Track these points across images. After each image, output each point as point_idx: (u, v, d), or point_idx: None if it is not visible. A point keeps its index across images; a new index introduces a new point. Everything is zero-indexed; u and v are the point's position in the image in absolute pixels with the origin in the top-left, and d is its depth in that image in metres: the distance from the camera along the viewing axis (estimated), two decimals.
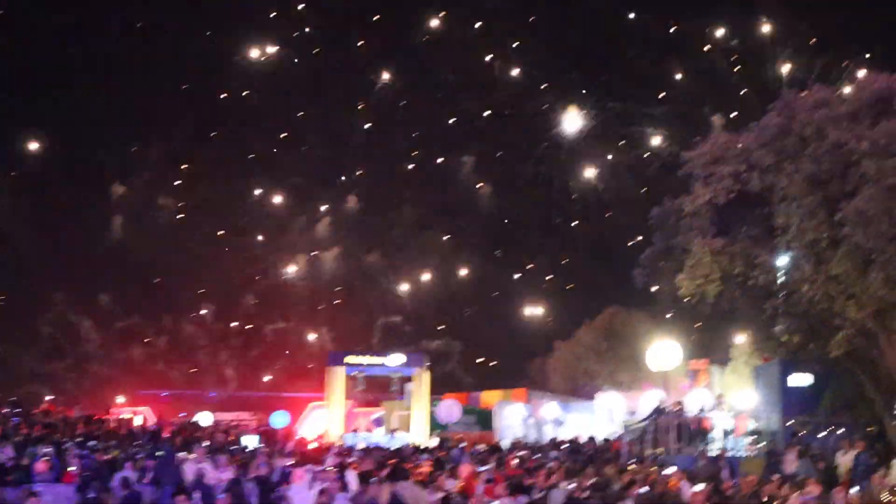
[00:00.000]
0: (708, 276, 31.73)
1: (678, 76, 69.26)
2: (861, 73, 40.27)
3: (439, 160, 75.21)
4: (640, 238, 44.62)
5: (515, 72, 72.25)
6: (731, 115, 57.49)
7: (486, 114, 73.29)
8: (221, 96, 71.37)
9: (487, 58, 72.74)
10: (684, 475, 22.33)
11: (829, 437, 30.29)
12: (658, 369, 31.50)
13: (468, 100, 72.10)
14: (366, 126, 72.60)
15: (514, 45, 72.11)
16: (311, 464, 23.98)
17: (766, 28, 64.03)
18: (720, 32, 67.53)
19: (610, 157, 70.71)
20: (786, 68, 60.82)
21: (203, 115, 69.16)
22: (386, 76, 72.19)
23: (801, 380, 33.42)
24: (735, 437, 32.07)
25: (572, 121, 67.65)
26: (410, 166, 74.97)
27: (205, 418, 48.48)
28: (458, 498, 18.95)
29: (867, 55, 51.51)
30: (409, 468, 23.27)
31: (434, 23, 71.75)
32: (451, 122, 73.98)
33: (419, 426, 39.81)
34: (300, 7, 71.97)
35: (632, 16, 70.20)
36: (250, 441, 37.08)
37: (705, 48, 68.07)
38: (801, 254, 30.12)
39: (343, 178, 74.78)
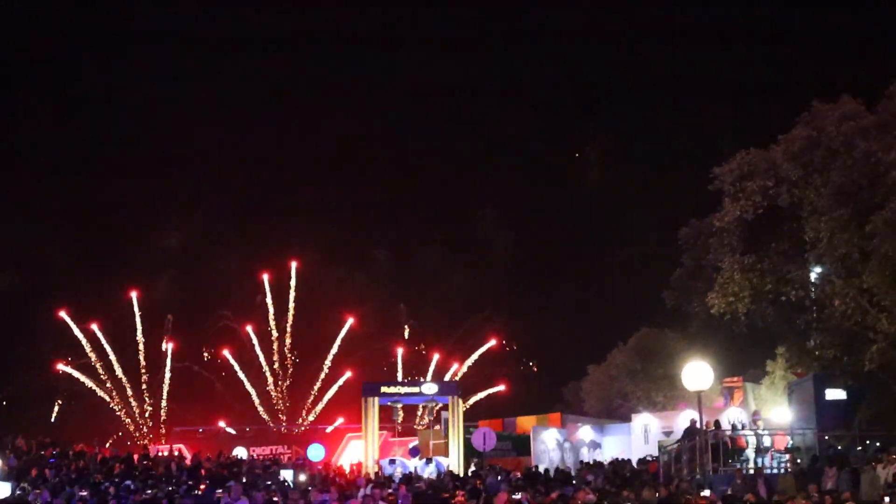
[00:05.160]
0: (739, 294, 31.64)
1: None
2: None
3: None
4: (668, 259, 44.65)
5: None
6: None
7: None
8: None
9: None
10: (721, 496, 22.19)
11: (865, 451, 29.95)
12: (693, 389, 31.23)
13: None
14: None
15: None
16: (347, 497, 23.81)
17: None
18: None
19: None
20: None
21: None
22: None
23: (835, 394, 33.13)
24: (771, 453, 31.78)
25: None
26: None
27: (241, 454, 48.36)
28: None
29: None
30: (446, 498, 23.21)
31: None
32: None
33: (455, 454, 39.64)
34: None
35: None
36: (287, 475, 37.01)
37: None
38: (831, 267, 30.00)
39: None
